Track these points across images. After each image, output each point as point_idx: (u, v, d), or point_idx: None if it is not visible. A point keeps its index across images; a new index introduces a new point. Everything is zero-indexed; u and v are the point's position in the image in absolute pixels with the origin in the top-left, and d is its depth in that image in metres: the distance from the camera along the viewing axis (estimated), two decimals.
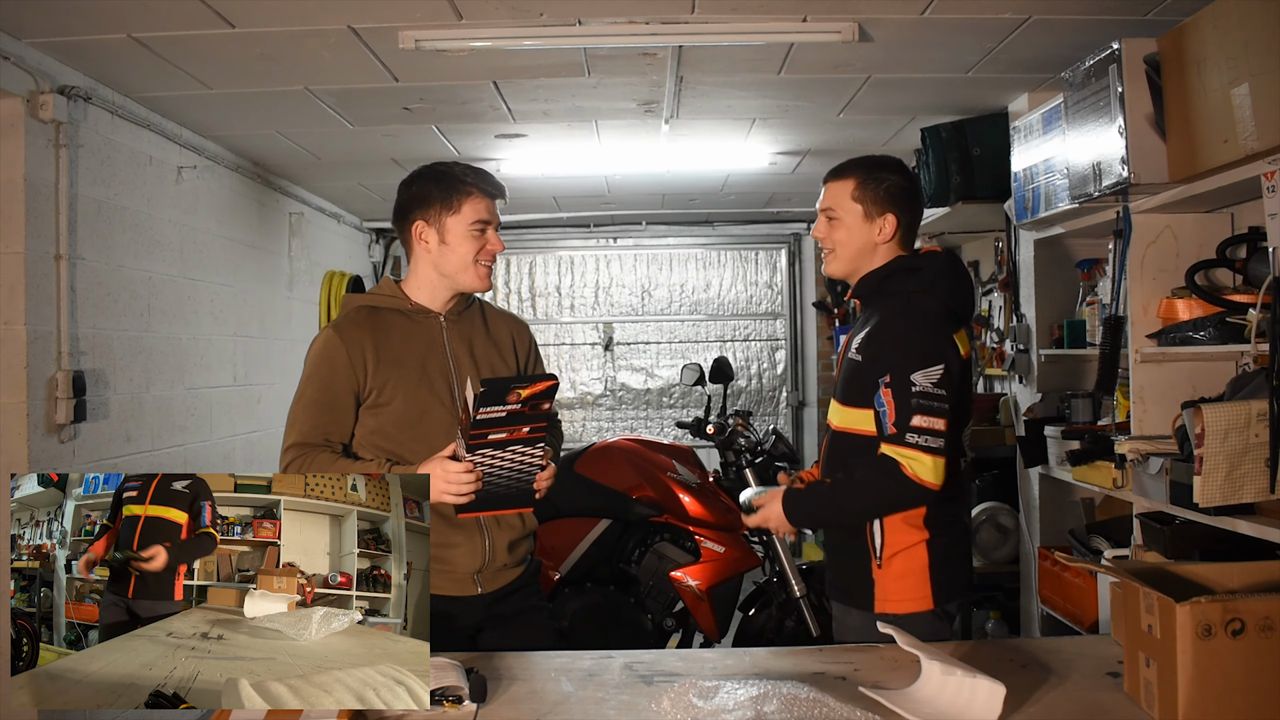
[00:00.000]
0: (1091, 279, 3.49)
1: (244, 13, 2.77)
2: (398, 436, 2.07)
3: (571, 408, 7.15)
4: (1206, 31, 2.47)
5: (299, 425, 2.07)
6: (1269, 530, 2.28)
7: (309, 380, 2.09)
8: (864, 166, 2.08)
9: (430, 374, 2.11)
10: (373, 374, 2.07)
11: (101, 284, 3.35)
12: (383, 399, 2.08)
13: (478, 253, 2.12)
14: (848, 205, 2.07)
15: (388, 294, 2.18)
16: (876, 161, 2.10)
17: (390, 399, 2.08)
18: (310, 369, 2.10)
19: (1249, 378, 2.49)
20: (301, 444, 2.05)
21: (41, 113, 2.99)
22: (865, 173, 2.07)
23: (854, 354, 2.04)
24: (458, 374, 2.13)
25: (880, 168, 2.08)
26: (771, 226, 6.83)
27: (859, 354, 2.03)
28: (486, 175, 2.16)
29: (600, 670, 1.81)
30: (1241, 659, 1.44)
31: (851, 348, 2.06)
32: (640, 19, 2.91)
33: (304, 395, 2.09)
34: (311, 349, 2.13)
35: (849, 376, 2.05)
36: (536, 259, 7.12)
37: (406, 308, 2.15)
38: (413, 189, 2.15)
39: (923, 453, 1.88)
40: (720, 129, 4.28)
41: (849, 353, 2.06)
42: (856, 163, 2.10)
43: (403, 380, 2.09)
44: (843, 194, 2.07)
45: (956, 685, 1.56)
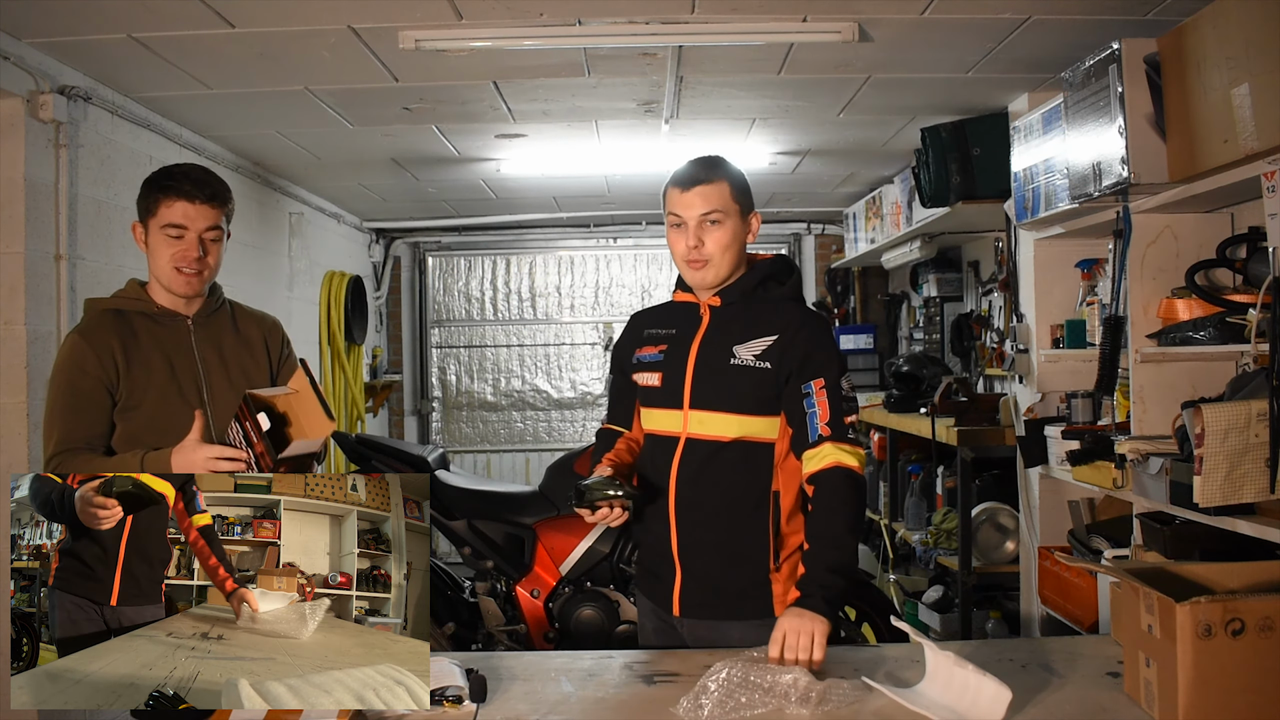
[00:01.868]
0: (1091, 279, 3.49)
1: (244, 13, 2.77)
2: (148, 440, 2.03)
3: (572, 408, 7.15)
4: (1206, 31, 2.47)
5: (56, 433, 2.03)
6: (1269, 530, 2.28)
7: (58, 388, 2.06)
8: (723, 168, 1.99)
9: (179, 377, 2.10)
10: (124, 376, 2.05)
11: (101, 284, 3.35)
12: (132, 402, 2.06)
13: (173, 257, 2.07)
14: (730, 206, 1.96)
15: (132, 297, 2.15)
16: (722, 161, 2.01)
17: (139, 402, 2.06)
18: (59, 376, 2.07)
19: (1249, 378, 2.49)
20: (62, 451, 2.02)
21: (41, 113, 2.99)
22: (727, 173, 1.98)
23: (752, 362, 1.94)
24: (207, 377, 2.12)
25: (737, 170, 2.02)
26: (771, 226, 6.82)
27: (764, 361, 1.94)
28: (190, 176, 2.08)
29: (600, 670, 1.81)
30: (1241, 659, 1.44)
31: (741, 357, 1.95)
32: (640, 19, 2.91)
33: (56, 403, 2.06)
34: (58, 355, 2.10)
35: (754, 384, 1.94)
36: (536, 259, 7.12)
37: (152, 310, 2.13)
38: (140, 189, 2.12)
39: (857, 447, 1.94)
40: (720, 129, 4.28)
41: (735, 360, 1.95)
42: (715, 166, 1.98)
43: (151, 384, 2.07)
44: (723, 195, 1.96)
45: (963, 682, 1.56)
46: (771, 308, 2.00)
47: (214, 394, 2.11)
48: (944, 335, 5.42)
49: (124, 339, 2.08)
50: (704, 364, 1.98)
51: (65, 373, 2.06)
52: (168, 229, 2.06)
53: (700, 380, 1.97)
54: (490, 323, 7.15)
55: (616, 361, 2.18)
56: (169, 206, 2.06)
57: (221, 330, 2.20)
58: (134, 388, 2.06)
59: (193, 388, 2.11)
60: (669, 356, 2.02)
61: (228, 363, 2.16)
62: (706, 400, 1.96)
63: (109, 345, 2.06)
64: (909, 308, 6.19)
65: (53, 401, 2.07)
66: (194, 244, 2.07)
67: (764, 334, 1.97)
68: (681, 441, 1.97)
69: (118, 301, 2.15)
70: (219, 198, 2.11)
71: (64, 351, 2.09)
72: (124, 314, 2.13)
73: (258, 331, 2.27)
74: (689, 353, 1.99)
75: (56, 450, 2.03)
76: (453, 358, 7.18)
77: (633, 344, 2.11)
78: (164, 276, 2.10)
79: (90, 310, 2.16)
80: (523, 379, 7.16)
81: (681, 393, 1.97)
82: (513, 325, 7.16)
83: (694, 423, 1.96)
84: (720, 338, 1.99)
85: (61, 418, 2.04)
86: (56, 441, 2.03)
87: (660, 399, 2.01)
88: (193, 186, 2.06)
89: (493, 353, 7.17)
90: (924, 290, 5.58)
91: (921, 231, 4.72)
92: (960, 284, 5.32)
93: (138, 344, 2.09)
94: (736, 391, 1.95)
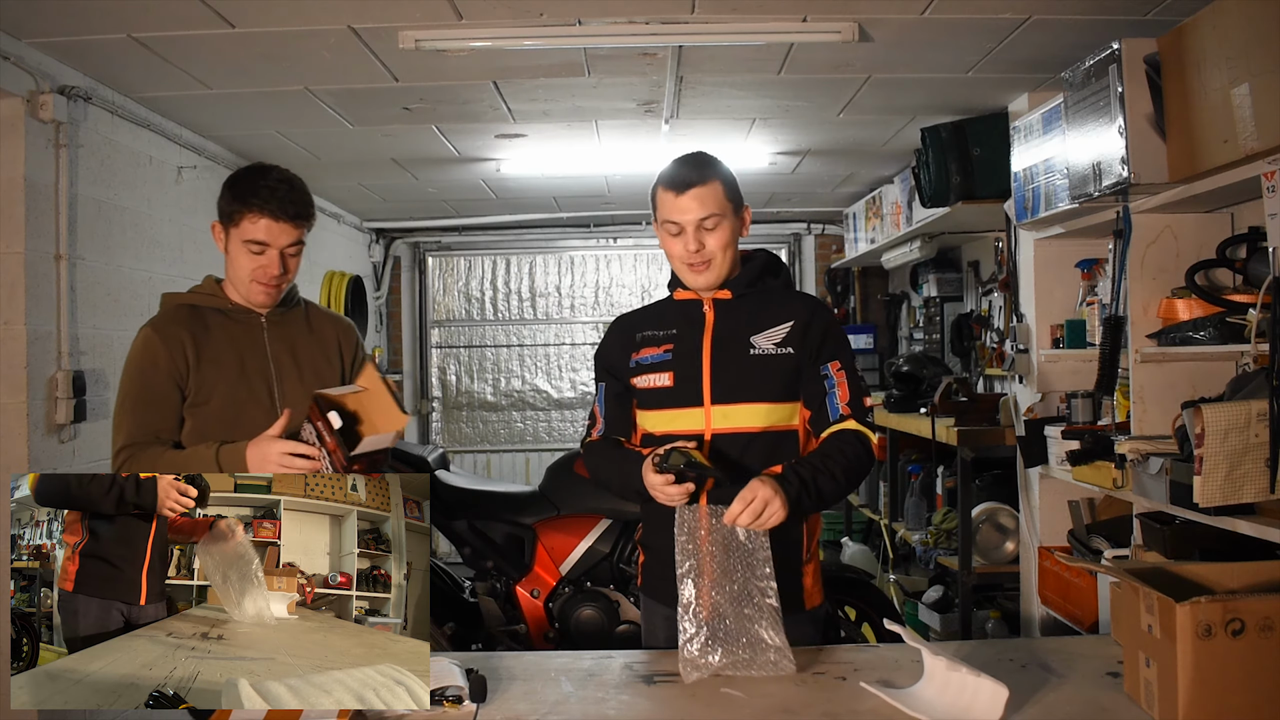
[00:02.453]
0: (1091, 279, 3.49)
1: (244, 13, 2.77)
2: (217, 436, 2.03)
3: (572, 408, 7.15)
4: (1206, 31, 2.47)
5: (125, 427, 2.04)
6: (1269, 530, 2.28)
7: (130, 380, 2.07)
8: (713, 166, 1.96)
9: (249, 374, 2.10)
10: (194, 371, 2.06)
11: (101, 284, 3.35)
12: (201, 397, 2.06)
13: (254, 271, 2.07)
14: (725, 206, 1.94)
15: (207, 292, 2.16)
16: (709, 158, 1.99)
17: (208, 398, 2.06)
18: (130, 369, 2.08)
19: (1249, 378, 2.49)
20: (131, 444, 2.03)
21: (41, 113, 2.99)
22: (718, 172, 1.96)
23: (773, 350, 1.95)
24: (278, 374, 2.12)
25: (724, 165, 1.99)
26: (771, 226, 6.82)
27: (785, 347, 1.95)
28: (276, 193, 2.05)
29: (600, 670, 1.81)
30: (1241, 659, 1.44)
31: (760, 346, 1.95)
32: (640, 19, 2.91)
33: (127, 396, 2.06)
34: (131, 349, 2.10)
35: (777, 372, 1.94)
36: (536, 259, 7.13)
37: (226, 307, 2.13)
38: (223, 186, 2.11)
39: (874, 431, 1.95)
40: (720, 129, 4.28)
41: (755, 350, 1.95)
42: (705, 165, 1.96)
43: (221, 379, 2.07)
44: (718, 195, 1.94)
45: (960, 684, 1.56)
46: (778, 296, 2.02)
47: (285, 391, 2.11)
48: (944, 335, 5.42)
49: (196, 333, 2.08)
50: (721, 358, 1.96)
51: (136, 365, 2.07)
52: (250, 244, 2.05)
53: (720, 374, 1.95)
54: (490, 323, 7.16)
55: (605, 368, 2.10)
56: (253, 222, 2.04)
57: (295, 329, 2.20)
58: (203, 383, 2.06)
59: (263, 385, 2.10)
60: (678, 355, 1.98)
61: (300, 361, 2.16)
62: (730, 393, 1.94)
63: (180, 339, 2.06)
64: (909, 308, 6.19)
65: (124, 394, 2.07)
66: (275, 261, 2.07)
67: (780, 322, 1.98)
68: (707, 439, 1.95)
69: (192, 297, 2.16)
70: (302, 215, 2.09)
71: (136, 345, 2.09)
72: (198, 309, 2.13)
73: (332, 331, 2.26)
74: (702, 349, 1.97)
75: (126, 442, 2.03)
76: (453, 358, 7.18)
77: (625, 348, 2.06)
78: (241, 287, 2.11)
79: (165, 304, 2.17)
80: (523, 379, 7.16)
81: (700, 389, 1.95)
82: (513, 325, 7.17)
83: (718, 418, 1.94)
84: (734, 330, 1.98)
85: (131, 410, 2.05)
86: (126, 434, 2.04)
87: (674, 399, 1.97)
88: (278, 206, 2.04)
89: (493, 353, 7.17)
90: (924, 290, 5.58)
91: (921, 231, 4.72)
92: (960, 284, 5.32)
93: (209, 339, 2.09)
94: (760, 381, 1.94)
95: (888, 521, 5.03)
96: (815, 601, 2.00)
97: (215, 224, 2.11)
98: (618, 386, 2.07)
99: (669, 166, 1.99)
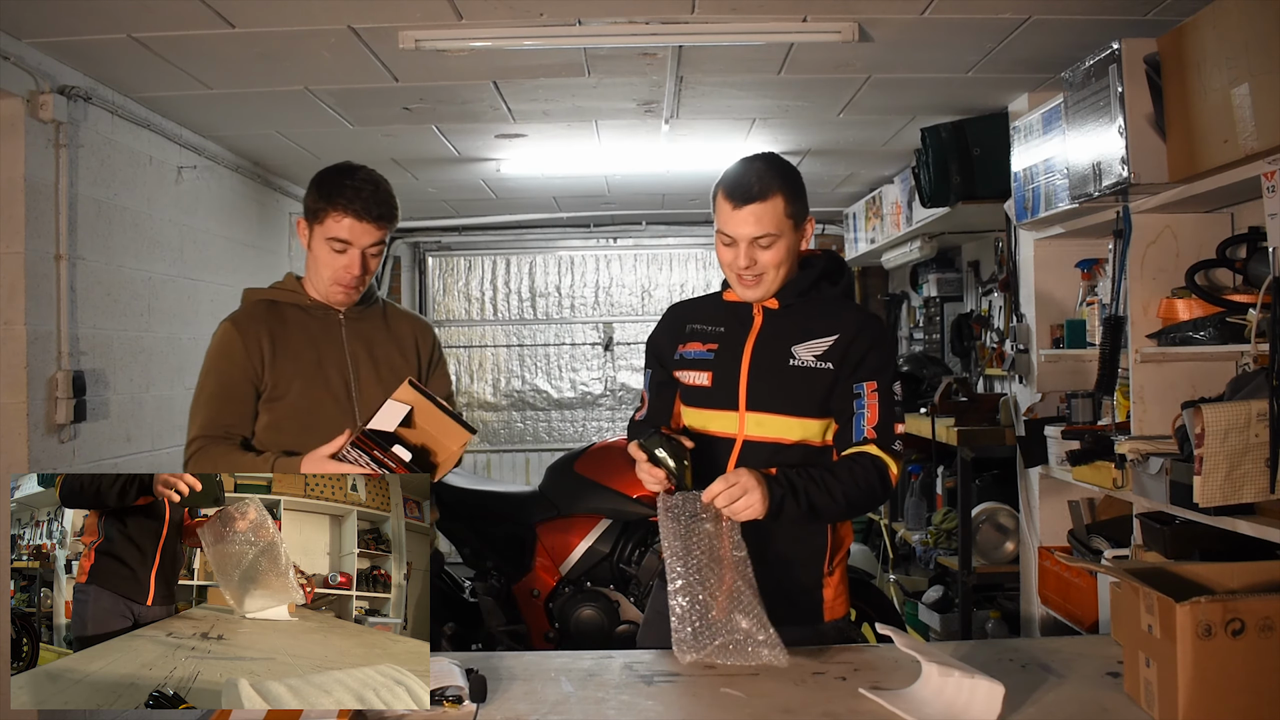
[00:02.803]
0: (1091, 279, 3.49)
1: (244, 13, 2.77)
2: (291, 431, 2.05)
3: (572, 408, 7.15)
4: (1206, 31, 2.47)
5: (199, 419, 2.06)
6: (1269, 530, 2.28)
7: (208, 373, 2.08)
8: (778, 178, 1.87)
9: (326, 370, 2.10)
10: (269, 367, 2.06)
11: (101, 284, 3.35)
12: (277, 393, 2.07)
13: (335, 271, 2.08)
14: (784, 224, 1.86)
15: (288, 289, 2.17)
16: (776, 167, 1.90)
17: (284, 393, 2.07)
18: (209, 362, 2.09)
19: (1249, 378, 2.49)
20: (203, 436, 2.04)
21: (41, 113, 2.99)
22: (783, 185, 1.87)
23: (813, 363, 1.89)
24: (355, 371, 2.12)
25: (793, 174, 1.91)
26: None
27: (825, 362, 1.88)
28: (361, 193, 2.06)
29: (600, 670, 1.81)
30: (1241, 659, 1.44)
31: (801, 358, 1.89)
32: (640, 19, 2.91)
33: (203, 389, 2.08)
34: (211, 341, 2.11)
35: (815, 386, 1.88)
36: (536, 259, 7.12)
37: (305, 303, 2.14)
38: (309, 183, 2.12)
39: (898, 461, 1.89)
40: (720, 129, 4.28)
41: (795, 361, 1.89)
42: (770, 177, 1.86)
43: (298, 375, 2.08)
44: (777, 213, 1.85)
45: (955, 685, 1.56)
46: (830, 307, 1.95)
47: (362, 389, 2.12)
48: (944, 335, 5.42)
49: (273, 328, 2.09)
50: (760, 365, 1.91)
51: (213, 360, 2.09)
52: (333, 242, 2.06)
53: (757, 381, 1.90)
54: (490, 323, 7.16)
55: (655, 354, 2.05)
56: (337, 221, 2.05)
57: (373, 326, 2.19)
58: (279, 378, 2.07)
59: (340, 381, 2.11)
60: (720, 356, 1.93)
61: (377, 359, 2.16)
62: (765, 402, 1.89)
63: (257, 334, 2.07)
64: (909, 308, 6.19)
65: (200, 387, 2.09)
66: (356, 261, 2.07)
67: (824, 334, 1.91)
68: (738, 444, 1.90)
69: (272, 293, 2.17)
70: (386, 217, 2.09)
71: (216, 338, 2.11)
72: (277, 304, 2.14)
73: (410, 331, 2.25)
74: (743, 352, 1.92)
75: (199, 434, 2.04)
76: (453, 358, 7.18)
77: (674, 338, 2.01)
78: (321, 286, 2.12)
79: (246, 299, 2.18)
80: (523, 379, 7.16)
81: (736, 394, 1.90)
82: (513, 325, 7.17)
83: (752, 425, 1.89)
84: (777, 338, 1.92)
85: (206, 404, 2.06)
86: (200, 426, 2.05)
87: (711, 400, 1.93)
88: (363, 206, 2.05)
89: (493, 353, 7.17)
90: (924, 290, 5.58)
91: (921, 231, 4.72)
92: (960, 284, 5.32)
93: (287, 334, 2.10)
94: (796, 393, 1.88)
95: (888, 521, 5.03)
96: (837, 613, 1.96)
97: (300, 220, 2.13)
98: (662, 375, 2.03)
99: (734, 168, 1.91)
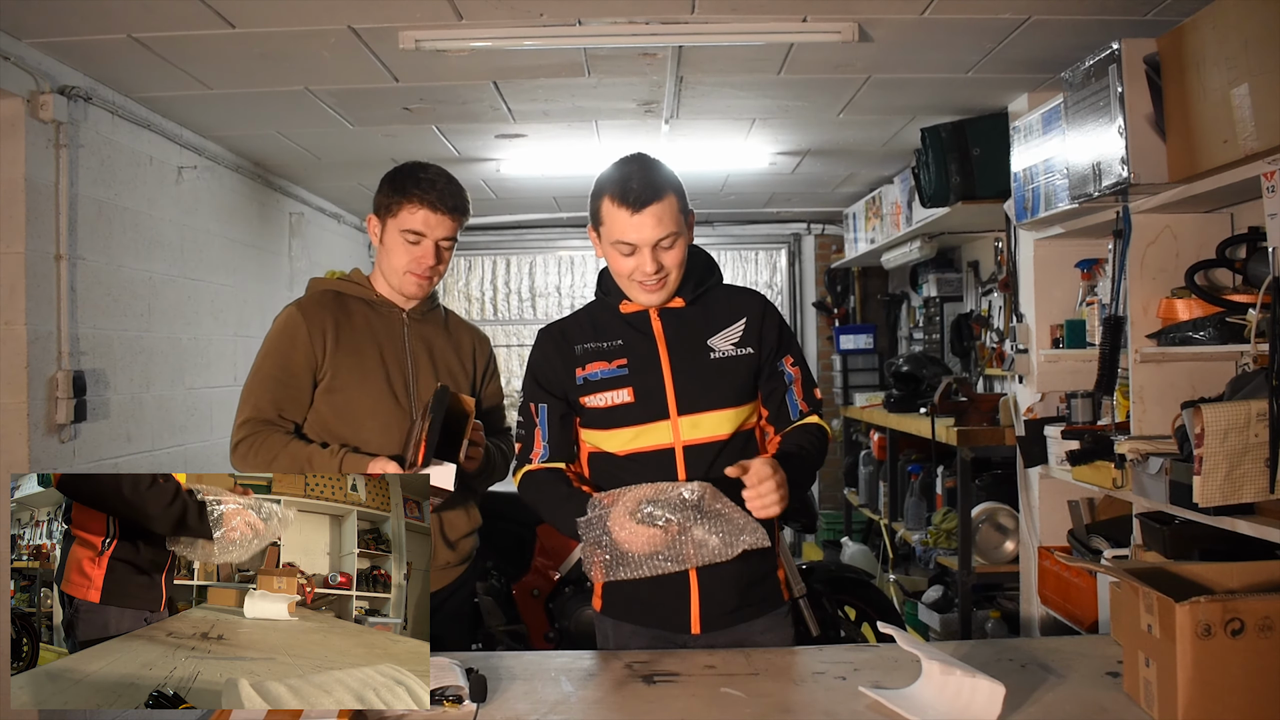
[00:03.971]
0: (1091, 279, 3.49)
1: (244, 13, 2.77)
2: (347, 422, 2.06)
3: None
4: (1206, 31, 2.47)
5: (254, 399, 2.06)
6: (1269, 530, 2.28)
7: (267, 355, 2.09)
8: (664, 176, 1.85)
9: (387, 365, 2.12)
10: (330, 356, 2.07)
11: (101, 284, 3.35)
12: (336, 383, 2.08)
13: (409, 262, 2.11)
14: (680, 221, 1.84)
15: (355, 281, 2.19)
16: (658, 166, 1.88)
17: (343, 385, 2.08)
18: (269, 344, 2.10)
19: (1249, 378, 2.49)
20: (255, 419, 2.04)
21: (41, 113, 2.99)
22: (670, 182, 1.85)
23: (733, 351, 1.89)
24: (414, 370, 2.14)
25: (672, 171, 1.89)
26: (771, 226, 6.83)
27: (745, 347, 1.89)
28: (435, 185, 2.08)
29: (600, 670, 1.81)
30: (1241, 659, 1.44)
31: (719, 349, 1.89)
32: (640, 19, 2.91)
33: (261, 369, 2.09)
34: (273, 325, 2.12)
35: (739, 374, 1.88)
36: (536, 259, 7.12)
37: (371, 298, 2.17)
38: (381, 181, 2.16)
39: (823, 418, 1.97)
40: (720, 129, 4.28)
41: (715, 354, 1.88)
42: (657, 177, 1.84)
43: (357, 367, 2.09)
44: (673, 211, 1.82)
45: (956, 685, 1.56)
46: (721, 293, 1.97)
47: (419, 388, 2.14)
48: (944, 335, 5.42)
49: (338, 318, 2.11)
50: (682, 367, 1.88)
51: (274, 342, 2.09)
52: (407, 234, 2.08)
53: (684, 384, 1.87)
54: (490, 323, 7.15)
55: (545, 387, 1.96)
56: (411, 213, 2.08)
57: (434, 329, 2.23)
58: (339, 369, 2.08)
59: (399, 377, 2.12)
60: (635, 368, 1.88)
61: (435, 360, 2.18)
62: (696, 403, 1.86)
63: (321, 322, 2.09)
64: (909, 308, 6.19)
65: (256, 368, 2.09)
66: (430, 251, 2.10)
67: (732, 321, 1.92)
68: (679, 453, 1.86)
69: (339, 284, 2.19)
70: (459, 209, 2.12)
71: (279, 321, 2.12)
72: (343, 296, 2.16)
73: (469, 338, 2.30)
74: (659, 358, 1.88)
75: (250, 416, 2.05)
76: None
77: (567, 364, 1.93)
78: (395, 278, 2.14)
79: (312, 288, 2.21)
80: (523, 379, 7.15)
81: (664, 401, 1.86)
82: (513, 325, 7.16)
83: (687, 429, 1.86)
84: (688, 336, 1.90)
85: (260, 385, 2.07)
86: (252, 407, 2.05)
87: (638, 415, 1.87)
88: (437, 197, 2.08)
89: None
90: (924, 290, 5.59)
91: (921, 231, 4.72)
92: (960, 284, 5.32)
93: (350, 326, 2.12)
94: (724, 385, 1.88)
95: (888, 521, 5.03)
96: (789, 592, 2.03)
97: (370, 217, 2.16)
98: (562, 407, 1.94)
99: (614, 174, 1.85)
